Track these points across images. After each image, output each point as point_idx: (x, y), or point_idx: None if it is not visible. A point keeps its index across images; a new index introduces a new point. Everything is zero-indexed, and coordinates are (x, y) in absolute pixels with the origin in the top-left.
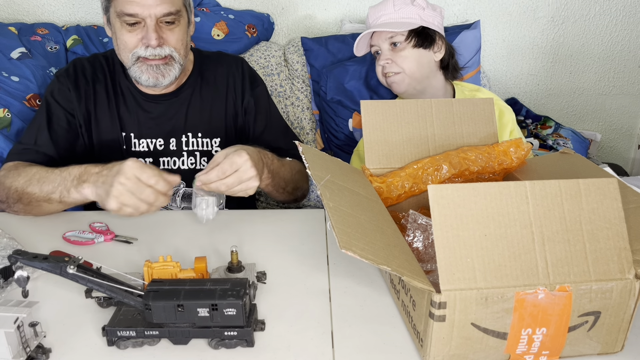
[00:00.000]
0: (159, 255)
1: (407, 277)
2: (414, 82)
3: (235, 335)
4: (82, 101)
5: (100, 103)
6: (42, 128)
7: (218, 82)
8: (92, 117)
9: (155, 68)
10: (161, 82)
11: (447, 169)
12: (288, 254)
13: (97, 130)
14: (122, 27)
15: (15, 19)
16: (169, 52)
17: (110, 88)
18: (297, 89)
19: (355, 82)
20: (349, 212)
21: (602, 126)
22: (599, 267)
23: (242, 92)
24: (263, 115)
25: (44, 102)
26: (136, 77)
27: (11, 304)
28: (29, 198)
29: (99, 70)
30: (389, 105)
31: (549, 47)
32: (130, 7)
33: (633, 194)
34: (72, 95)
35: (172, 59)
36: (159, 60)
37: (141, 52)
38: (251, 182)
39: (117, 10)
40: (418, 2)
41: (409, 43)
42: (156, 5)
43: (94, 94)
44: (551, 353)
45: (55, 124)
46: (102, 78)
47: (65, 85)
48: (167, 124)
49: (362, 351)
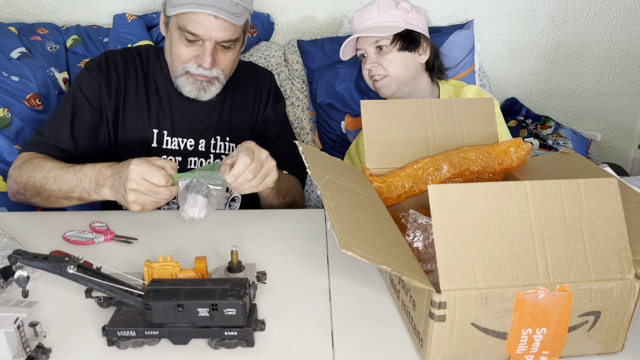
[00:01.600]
0: (159, 255)
1: (407, 277)
2: (400, 85)
3: (235, 335)
4: (113, 98)
5: (130, 99)
6: (65, 124)
7: (248, 90)
8: (120, 113)
9: (199, 83)
10: (202, 97)
11: (447, 169)
12: (288, 254)
13: (124, 127)
14: (180, 40)
15: (15, 19)
16: (216, 74)
17: (142, 84)
18: (297, 89)
19: (346, 84)
20: (349, 212)
21: (602, 126)
22: (599, 267)
23: (266, 102)
24: (277, 128)
25: (70, 93)
26: (180, 86)
27: (11, 304)
28: (47, 194)
29: (131, 65)
30: (389, 105)
31: (549, 47)
32: (194, 27)
33: (633, 194)
34: (102, 91)
35: (217, 80)
36: (204, 78)
37: (192, 69)
38: (273, 174)
39: (180, 23)
40: (402, 5)
41: (394, 46)
42: (219, 30)
43: (124, 91)
44: (551, 353)
45: (79, 120)
46: (133, 74)
47: (96, 80)
48: (199, 125)
49: (362, 351)
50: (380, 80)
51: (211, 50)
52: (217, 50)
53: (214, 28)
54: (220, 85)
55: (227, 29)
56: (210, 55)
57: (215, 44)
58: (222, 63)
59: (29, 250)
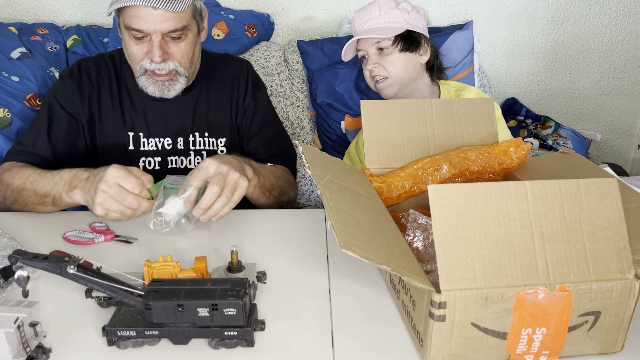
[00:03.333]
0: (159, 255)
1: (407, 277)
2: (402, 86)
3: (235, 335)
4: (86, 103)
5: (105, 104)
6: (42, 131)
7: (224, 83)
8: (95, 119)
9: (160, 83)
10: (167, 95)
11: (447, 169)
12: (288, 254)
13: (102, 131)
14: (130, 39)
15: (15, 19)
16: (173, 67)
17: (115, 88)
18: (297, 89)
19: (346, 84)
20: (349, 212)
21: (602, 126)
22: (599, 267)
23: (244, 93)
24: (259, 118)
25: (46, 103)
26: (143, 87)
27: (11, 304)
28: (24, 200)
29: (104, 70)
30: (389, 105)
31: (548, 47)
32: (137, 22)
33: (633, 194)
34: (75, 97)
35: (177, 74)
36: (164, 76)
37: (147, 65)
38: (240, 182)
39: (124, 22)
40: (403, 5)
41: (395, 47)
42: (162, 21)
43: (98, 96)
44: (551, 353)
45: (55, 126)
46: (106, 79)
47: (69, 87)
48: (175, 123)
49: (362, 351)
50: (382, 82)
51: (159, 43)
52: (166, 42)
53: (155, 20)
54: (185, 80)
55: (170, 18)
56: (159, 48)
57: (162, 36)
58: (176, 55)
59: (29, 250)
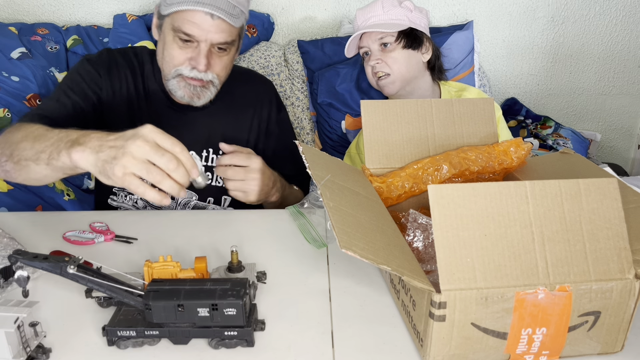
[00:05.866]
0: (159, 255)
1: (407, 277)
2: (404, 83)
3: (235, 335)
4: (108, 87)
5: (121, 96)
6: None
7: (246, 103)
8: (111, 106)
9: (192, 88)
10: (195, 102)
11: (447, 169)
12: (288, 254)
13: (113, 121)
14: (174, 42)
15: (15, 19)
16: (211, 78)
17: (134, 86)
18: (297, 89)
19: (346, 84)
20: (349, 211)
21: (602, 126)
22: (599, 267)
23: (267, 116)
24: (282, 142)
25: (67, 79)
26: (172, 90)
27: (11, 304)
28: (18, 155)
29: (129, 63)
30: (389, 105)
31: (548, 47)
32: (190, 27)
33: (633, 194)
34: (99, 78)
35: (211, 84)
36: (198, 82)
37: (185, 72)
38: (251, 185)
39: (174, 24)
40: (406, 4)
41: (398, 44)
42: (215, 32)
43: (119, 84)
44: (551, 353)
45: (73, 98)
46: (129, 72)
47: (95, 68)
48: (189, 136)
49: (362, 351)
50: (384, 79)
51: (206, 52)
52: (212, 53)
53: (211, 29)
54: (215, 90)
55: (224, 30)
56: (206, 57)
57: (210, 46)
58: (216, 67)
59: (29, 250)
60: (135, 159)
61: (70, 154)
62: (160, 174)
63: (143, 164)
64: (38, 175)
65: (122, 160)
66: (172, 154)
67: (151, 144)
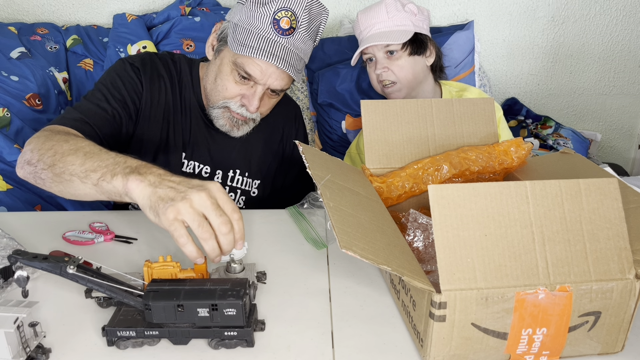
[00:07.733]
0: (159, 255)
1: (407, 277)
2: (410, 90)
3: (235, 335)
4: (147, 92)
5: (157, 112)
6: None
7: (275, 127)
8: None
9: (234, 120)
10: (233, 134)
11: (447, 169)
12: (288, 254)
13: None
14: (231, 75)
15: (15, 18)
16: (255, 117)
17: (171, 99)
18: (297, 89)
19: (347, 84)
20: (349, 211)
21: (602, 126)
22: (599, 267)
23: (293, 146)
24: (301, 167)
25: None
26: (214, 117)
27: (11, 304)
28: (63, 167)
29: (167, 71)
30: (389, 105)
31: (549, 47)
32: (252, 69)
33: (633, 194)
34: (142, 90)
35: (253, 121)
36: (242, 118)
37: (233, 107)
38: None
39: (237, 60)
40: (409, 7)
41: (404, 51)
42: (275, 79)
43: (158, 91)
44: (551, 353)
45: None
46: (168, 80)
47: (138, 77)
48: (218, 155)
49: (362, 351)
50: (390, 87)
51: (261, 95)
52: (265, 94)
53: (272, 76)
54: (254, 125)
55: (283, 78)
56: (259, 100)
57: (266, 89)
58: (264, 107)
59: (29, 250)
60: (193, 208)
61: (127, 181)
62: (210, 232)
63: (198, 216)
64: (79, 192)
65: (178, 204)
66: (228, 218)
67: (213, 201)
